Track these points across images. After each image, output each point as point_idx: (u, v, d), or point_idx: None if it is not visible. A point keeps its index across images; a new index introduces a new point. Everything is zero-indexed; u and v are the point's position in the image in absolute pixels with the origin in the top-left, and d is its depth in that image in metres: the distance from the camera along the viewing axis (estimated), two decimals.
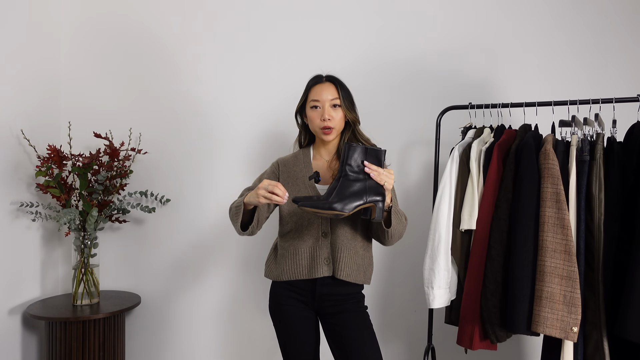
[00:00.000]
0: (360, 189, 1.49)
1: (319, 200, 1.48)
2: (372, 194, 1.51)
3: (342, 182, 1.48)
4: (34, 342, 2.40)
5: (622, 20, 2.15)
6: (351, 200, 1.47)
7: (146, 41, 2.52)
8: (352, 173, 1.49)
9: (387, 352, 2.29)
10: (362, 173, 1.50)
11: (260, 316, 2.43)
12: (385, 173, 1.52)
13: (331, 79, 1.76)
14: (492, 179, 1.72)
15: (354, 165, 1.50)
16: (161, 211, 2.53)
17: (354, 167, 1.50)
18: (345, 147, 1.51)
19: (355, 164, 1.50)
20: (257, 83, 2.44)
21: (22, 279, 2.33)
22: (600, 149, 1.60)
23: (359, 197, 1.48)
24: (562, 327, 1.53)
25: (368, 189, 1.50)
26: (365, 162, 1.50)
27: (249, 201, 1.60)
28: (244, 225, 1.69)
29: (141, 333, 2.56)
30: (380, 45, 2.35)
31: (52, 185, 2.26)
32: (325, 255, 1.69)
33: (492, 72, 2.25)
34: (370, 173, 1.49)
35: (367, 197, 1.50)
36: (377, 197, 1.51)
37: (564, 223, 1.56)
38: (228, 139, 2.47)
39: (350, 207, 1.47)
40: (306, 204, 1.45)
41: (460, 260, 1.80)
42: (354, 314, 1.71)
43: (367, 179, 1.50)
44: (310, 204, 1.45)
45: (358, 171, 1.50)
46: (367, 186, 1.50)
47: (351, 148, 1.50)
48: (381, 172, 1.51)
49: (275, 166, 1.83)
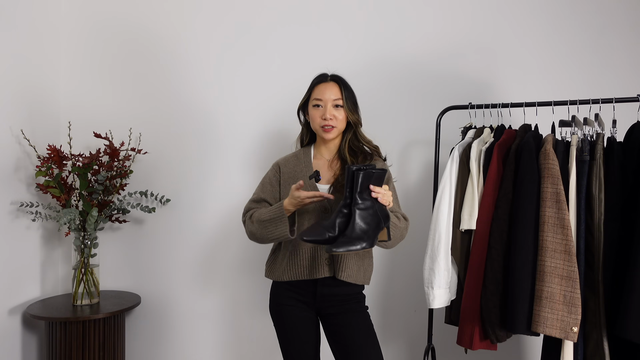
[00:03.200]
0: (375, 217, 1.46)
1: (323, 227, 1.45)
2: (384, 218, 1.49)
3: (359, 214, 1.44)
4: (34, 342, 2.40)
5: (622, 20, 2.15)
6: (374, 231, 1.45)
7: (146, 41, 2.52)
8: (362, 200, 1.45)
9: (387, 352, 2.29)
10: (370, 198, 1.47)
11: (260, 316, 2.43)
12: (387, 192, 1.51)
13: (336, 79, 1.76)
14: (492, 179, 1.72)
15: (363, 192, 1.46)
16: (161, 211, 2.53)
17: (363, 195, 1.46)
18: (352, 173, 1.45)
19: (364, 190, 1.46)
20: (257, 83, 2.44)
21: (22, 279, 2.33)
22: (600, 149, 1.60)
23: (378, 226, 1.47)
24: (562, 327, 1.53)
25: (380, 213, 1.48)
26: (371, 186, 1.46)
27: (288, 208, 1.61)
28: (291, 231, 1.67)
29: (141, 333, 2.56)
30: (380, 45, 2.35)
31: (52, 185, 2.26)
32: (326, 256, 1.68)
33: (492, 72, 2.25)
34: (377, 196, 1.47)
35: (383, 223, 1.49)
36: (386, 219, 1.50)
37: (564, 223, 1.56)
38: (228, 139, 2.47)
39: (375, 240, 1.46)
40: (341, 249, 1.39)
41: (460, 260, 1.80)
42: (355, 314, 1.71)
43: (375, 204, 1.47)
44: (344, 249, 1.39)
45: (366, 197, 1.46)
46: (378, 211, 1.48)
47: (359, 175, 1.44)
48: (384, 192, 1.49)
49: (276, 169, 1.82)
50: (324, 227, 1.45)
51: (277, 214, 1.63)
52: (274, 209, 1.65)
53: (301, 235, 1.45)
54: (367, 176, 1.45)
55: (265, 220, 1.66)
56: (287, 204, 1.61)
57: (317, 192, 1.57)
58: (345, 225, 1.45)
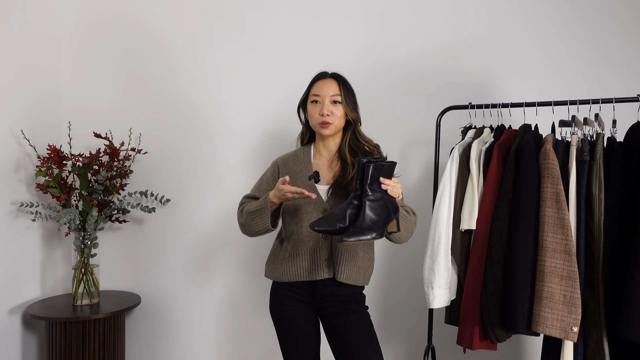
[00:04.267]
0: (385, 209, 1.49)
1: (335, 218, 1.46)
2: (394, 210, 1.51)
3: (369, 205, 1.47)
4: (34, 342, 2.40)
5: (622, 21, 2.15)
6: (384, 222, 1.48)
7: (146, 41, 2.52)
8: (372, 192, 1.48)
9: (387, 352, 2.29)
10: (379, 190, 1.49)
11: (260, 316, 2.43)
12: (397, 185, 1.52)
13: (335, 76, 1.76)
14: (492, 179, 1.72)
15: (373, 184, 1.48)
16: (161, 211, 2.53)
17: (373, 186, 1.48)
18: (362, 165, 1.47)
19: (374, 182, 1.48)
20: (257, 83, 2.44)
21: (22, 279, 2.33)
22: (600, 149, 1.60)
23: (388, 217, 1.49)
24: (562, 327, 1.53)
25: (390, 205, 1.50)
26: (381, 178, 1.48)
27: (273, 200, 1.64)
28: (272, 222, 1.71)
29: (141, 333, 2.56)
30: (381, 45, 2.35)
31: (52, 185, 2.26)
32: (325, 257, 1.68)
33: (492, 72, 2.25)
34: (387, 188, 1.49)
35: (393, 215, 1.51)
36: (396, 211, 1.52)
37: (564, 223, 1.56)
38: (228, 138, 2.47)
39: (385, 230, 1.48)
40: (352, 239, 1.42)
41: (460, 260, 1.80)
42: (355, 314, 1.71)
43: (384, 195, 1.50)
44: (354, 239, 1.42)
45: (376, 189, 1.48)
46: (387, 203, 1.50)
47: (369, 167, 1.46)
48: (394, 185, 1.51)
49: (275, 168, 1.83)
50: (335, 217, 1.48)
51: (262, 205, 1.67)
52: (260, 200, 1.69)
53: (312, 225, 1.47)
54: (377, 168, 1.47)
55: (252, 212, 1.70)
56: (272, 196, 1.65)
57: (300, 189, 1.57)
58: (355, 217, 1.48)
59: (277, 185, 1.63)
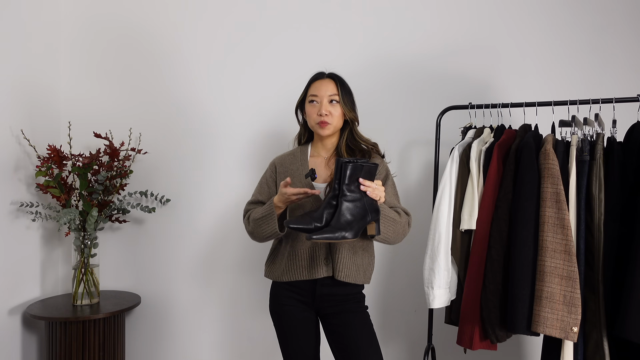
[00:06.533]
0: (362, 210, 1.47)
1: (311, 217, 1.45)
2: (373, 212, 1.50)
3: (345, 205, 1.45)
4: (34, 342, 2.40)
5: (622, 20, 2.15)
6: (358, 223, 1.46)
7: (146, 41, 2.52)
8: (349, 192, 1.46)
9: (387, 352, 2.29)
10: (358, 190, 1.47)
11: (260, 316, 2.43)
12: (379, 187, 1.51)
13: (332, 76, 1.76)
14: (492, 179, 1.72)
15: (351, 184, 1.46)
16: (161, 211, 2.53)
17: (351, 187, 1.46)
18: (340, 165, 1.46)
19: (352, 183, 1.46)
20: (257, 83, 2.44)
21: (22, 279, 2.33)
22: (600, 149, 1.60)
23: (363, 219, 1.47)
24: (562, 327, 1.53)
25: (368, 207, 1.48)
26: (360, 179, 1.47)
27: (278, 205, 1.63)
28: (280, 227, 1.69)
29: (141, 333, 2.56)
30: (380, 45, 2.35)
31: (52, 185, 2.26)
32: (324, 256, 1.69)
33: (492, 72, 2.25)
34: (367, 190, 1.48)
35: (369, 217, 1.49)
36: (375, 213, 1.51)
37: (564, 223, 1.56)
38: (228, 139, 2.47)
39: (359, 232, 1.46)
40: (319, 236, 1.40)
41: (460, 260, 1.80)
42: (355, 314, 1.71)
43: (364, 197, 1.48)
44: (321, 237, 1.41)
45: (354, 189, 1.47)
46: (366, 204, 1.48)
47: (347, 167, 1.45)
48: (375, 187, 1.50)
49: (272, 168, 1.83)
50: (312, 217, 1.47)
51: (268, 211, 1.66)
52: (266, 206, 1.68)
53: (287, 222, 1.46)
54: (356, 169, 1.46)
55: (258, 219, 1.69)
56: (277, 201, 1.64)
57: (302, 189, 1.58)
58: (332, 217, 1.47)
59: (279, 189, 1.62)
